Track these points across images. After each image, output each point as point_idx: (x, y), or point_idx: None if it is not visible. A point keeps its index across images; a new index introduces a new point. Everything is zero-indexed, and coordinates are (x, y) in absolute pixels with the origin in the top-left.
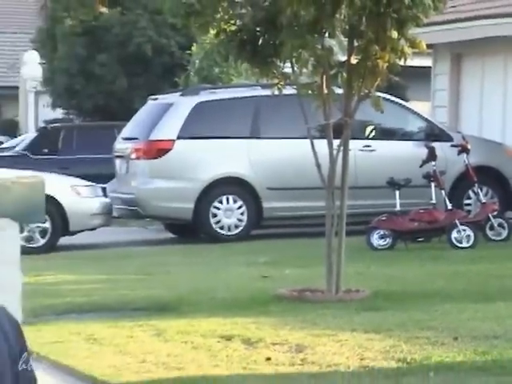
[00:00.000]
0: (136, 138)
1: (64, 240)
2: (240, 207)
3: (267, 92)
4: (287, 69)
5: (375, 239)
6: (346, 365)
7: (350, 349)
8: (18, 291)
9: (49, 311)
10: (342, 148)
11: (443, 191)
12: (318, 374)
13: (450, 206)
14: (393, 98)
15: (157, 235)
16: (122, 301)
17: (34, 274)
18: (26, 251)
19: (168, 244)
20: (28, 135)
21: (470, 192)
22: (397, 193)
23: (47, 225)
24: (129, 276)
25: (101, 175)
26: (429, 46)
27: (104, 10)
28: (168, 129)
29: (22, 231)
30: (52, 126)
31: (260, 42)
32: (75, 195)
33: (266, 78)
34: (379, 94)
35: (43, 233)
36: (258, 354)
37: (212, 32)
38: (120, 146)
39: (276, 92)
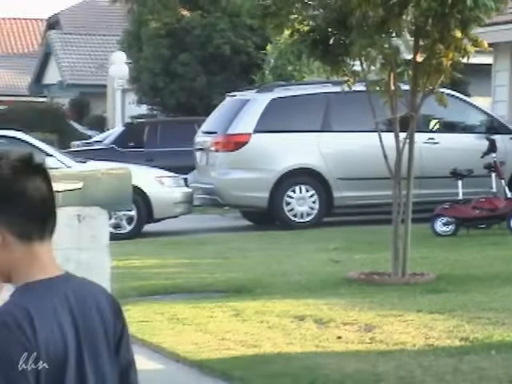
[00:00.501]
0: (215, 132)
1: (149, 227)
2: (312, 196)
3: (337, 88)
4: (357, 67)
5: (439, 226)
6: (411, 343)
7: (415, 328)
8: (107, 274)
9: (135, 293)
10: (407, 140)
11: (503, 181)
12: (386, 351)
13: (509, 195)
14: (456, 94)
15: (234, 222)
16: (203, 283)
17: (122, 258)
18: (113, 237)
19: (245, 230)
20: (115, 130)
21: None
22: (459, 182)
23: (133, 213)
24: (208, 260)
25: (183, 167)
26: (490, 44)
27: (186, 13)
28: (245, 123)
29: (110, 218)
30: (137, 121)
31: (331, 41)
32: (159, 185)
33: (336, 76)
34: (443, 89)
35: (130, 220)
36: (329, 333)
37: (286, 32)
38: (200, 139)
39: (346, 88)
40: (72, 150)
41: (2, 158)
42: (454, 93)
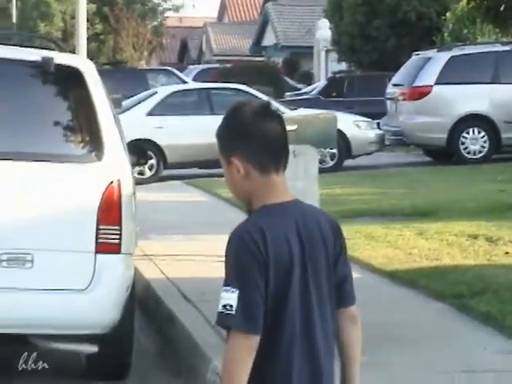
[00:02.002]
0: (402, 85)
1: (348, 162)
2: (483, 137)
3: (506, 48)
4: None
5: None
6: None
7: None
8: (317, 200)
9: (338, 215)
10: None
11: None
12: None
13: None
14: None
15: (417, 158)
16: (393, 208)
17: (326, 187)
18: (319, 170)
19: (426, 165)
20: (320, 83)
21: None
22: None
23: (335, 150)
24: (396, 189)
25: (376, 113)
26: None
27: None
28: (427, 77)
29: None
30: (338, 75)
31: (502, 8)
32: (356, 128)
33: (505, 37)
34: None
35: (332, 156)
36: (498, 249)
37: (464, 1)
38: (390, 90)
39: None
40: (285, 99)
41: (244, 105)
42: None
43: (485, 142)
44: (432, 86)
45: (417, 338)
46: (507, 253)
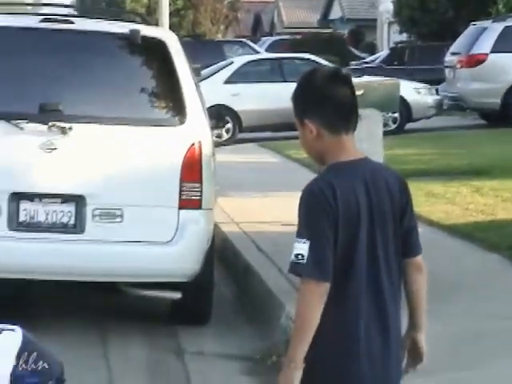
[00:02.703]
0: (460, 53)
1: (409, 125)
2: None
3: None
4: None
5: None
6: None
7: None
8: (381, 160)
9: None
10: None
11: None
12: None
13: None
14: None
15: (473, 122)
16: (450, 167)
17: (388, 149)
18: None
19: (481, 128)
20: (382, 53)
21: None
22: None
23: (397, 114)
24: (454, 150)
25: (435, 80)
26: None
27: None
28: (483, 46)
29: None
30: (400, 45)
31: None
32: (416, 94)
33: None
34: None
35: (394, 120)
36: None
37: None
38: (448, 58)
39: None
40: (351, 68)
41: (317, 71)
42: None
43: None
44: (487, 54)
45: (474, 286)
46: None
